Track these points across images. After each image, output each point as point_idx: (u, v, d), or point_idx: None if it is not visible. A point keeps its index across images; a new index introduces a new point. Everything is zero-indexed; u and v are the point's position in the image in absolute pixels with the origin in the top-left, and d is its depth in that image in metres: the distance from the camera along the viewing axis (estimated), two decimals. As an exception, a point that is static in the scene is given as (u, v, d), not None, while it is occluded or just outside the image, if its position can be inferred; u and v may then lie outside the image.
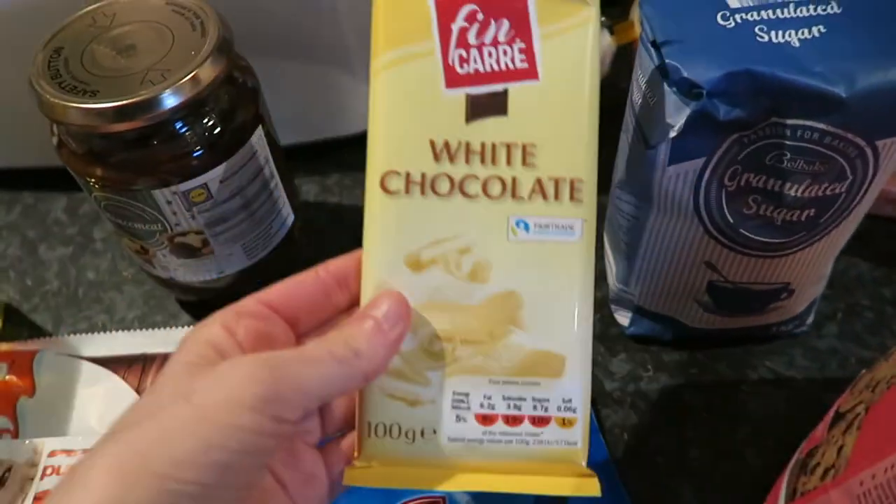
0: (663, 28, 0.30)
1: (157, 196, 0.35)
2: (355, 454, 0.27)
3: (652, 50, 0.30)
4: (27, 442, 0.35)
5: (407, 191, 0.26)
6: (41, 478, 0.33)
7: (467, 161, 0.26)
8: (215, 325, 0.26)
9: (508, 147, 0.26)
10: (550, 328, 0.27)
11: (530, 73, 0.26)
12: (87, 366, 0.40)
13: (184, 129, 0.35)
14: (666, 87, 0.30)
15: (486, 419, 0.27)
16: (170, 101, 0.33)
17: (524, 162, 0.26)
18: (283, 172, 0.42)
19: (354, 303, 0.28)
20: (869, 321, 0.42)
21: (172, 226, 0.37)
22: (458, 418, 0.27)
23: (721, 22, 0.30)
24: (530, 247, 0.27)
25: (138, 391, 0.38)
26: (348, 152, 0.54)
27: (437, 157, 0.26)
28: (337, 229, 0.50)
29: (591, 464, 0.28)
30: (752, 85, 0.29)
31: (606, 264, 0.43)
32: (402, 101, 0.26)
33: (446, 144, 0.26)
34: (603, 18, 0.53)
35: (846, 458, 0.27)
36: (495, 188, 0.26)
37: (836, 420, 0.31)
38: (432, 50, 0.26)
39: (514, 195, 0.26)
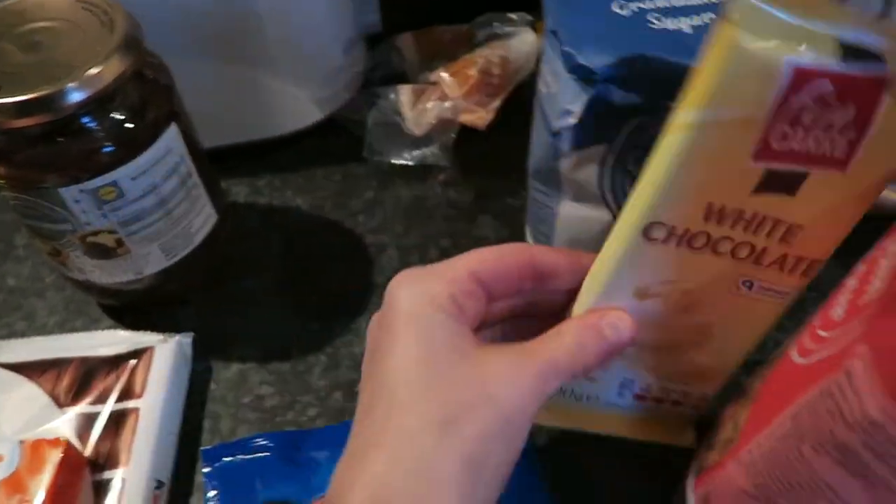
0: (560, 16, 0.31)
1: (64, 194, 0.35)
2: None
3: (552, 38, 0.31)
4: (-71, 449, 0.34)
5: (665, 241, 0.27)
6: (-57, 484, 0.32)
7: (732, 226, 0.27)
8: (444, 306, 0.26)
9: (776, 222, 0.26)
10: (723, 353, 0.32)
11: (841, 165, 0.24)
12: (1, 372, 0.39)
13: (91, 125, 0.34)
14: (565, 73, 0.30)
15: (640, 398, 0.35)
16: (74, 95, 0.33)
17: (781, 238, 0.27)
18: (204, 172, 0.41)
19: (543, 294, 0.30)
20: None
21: (83, 225, 0.36)
22: (620, 394, 0.34)
23: (616, 10, 0.31)
24: (743, 299, 0.29)
25: (52, 395, 0.38)
26: (278, 154, 0.53)
27: (707, 219, 0.27)
28: (267, 230, 0.49)
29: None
30: (646, 70, 0.29)
31: (529, 256, 0.43)
32: (698, 164, 0.25)
33: (722, 208, 0.26)
34: (529, 17, 0.54)
35: (739, 430, 0.27)
36: (743, 252, 0.28)
37: (738, 395, 0.31)
38: (758, 121, 0.23)
39: (756, 261, 0.28)
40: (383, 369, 0.26)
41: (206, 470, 0.37)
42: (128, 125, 0.35)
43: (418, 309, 0.26)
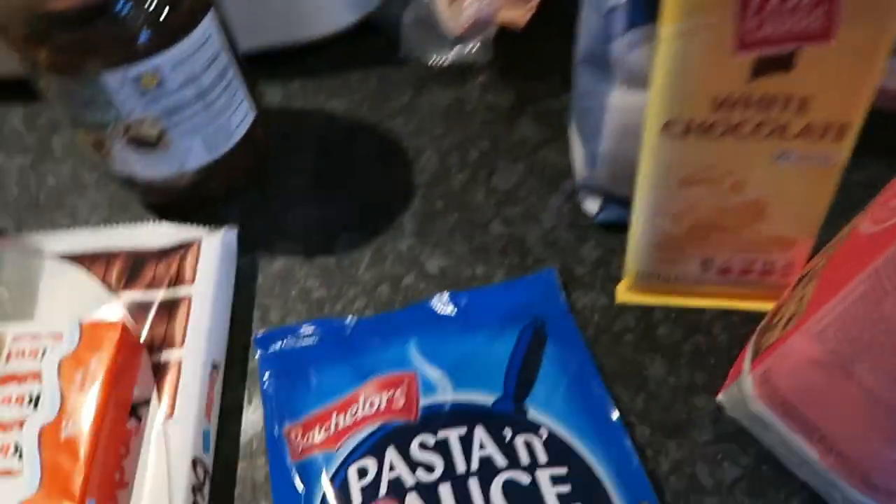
0: None
1: (106, 80, 0.34)
2: (624, 284, 0.39)
3: None
4: (-10, 329, 0.34)
5: (684, 135, 0.30)
6: (6, 361, 0.33)
7: (744, 110, 0.29)
8: None
9: (786, 97, 0.28)
10: (788, 221, 0.33)
11: (825, 35, 0.26)
12: (49, 261, 0.39)
13: (129, 9, 0.34)
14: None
15: (725, 272, 0.37)
16: (115, -26, 0.32)
17: (798, 110, 0.28)
18: (240, 68, 0.41)
19: None
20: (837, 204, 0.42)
21: (125, 114, 0.36)
22: (704, 271, 0.37)
23: None
24: (786, 170, 0.31)
25: (103, 282, 0.38)
26: (312, 58, 0.53)
27: (716, 108, 0.29)
28: (303, 133, 0.49)
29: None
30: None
31: (574, 150, 0.43)
32: (690, 65, 0.28)
33: (727, 98, 0.28)
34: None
35: (806, 303, 0.27)
36: (765, 130, 0.29)
37: (798, 282, 0.31)
38: (727, 19, 0.26)
39: (781, 135, 0.29)
40: None
41: (259, 353, 0.37)
42: (165, 11, 0.35)
43: None
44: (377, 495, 0.31)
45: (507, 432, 0.33)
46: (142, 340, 0.36)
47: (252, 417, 0.36)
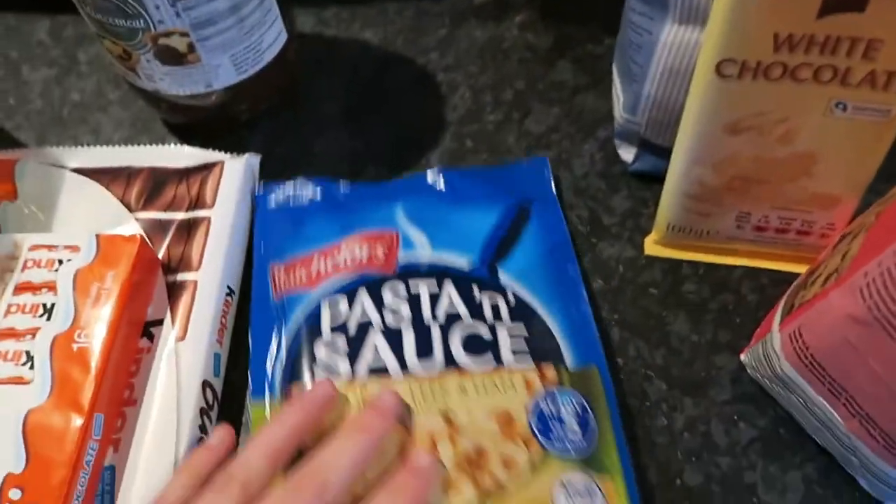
0: None
1: (138, -15, 0.33)
2: (654, 236, 0.38)
3: None
4: (7, 236, 0.34)
5: (739, 76, 0.28)
6: (22, 270, 0.33)
7: (806, 51, 0.27)
8: None
9: (853, 40, 0.26)
10: (834, 178, 0.32)
11: None
12: (70, 175, 0.38)
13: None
14: None
15: (760, 229, 0.35)
16: None
17: (864, 55, 0.27)
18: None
19: None
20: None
21: (156, 23, 0.35)
22: (738, 227, 0.36)
23: None
24: (841, 121, 0.29)
25: (122, 201, 0.37)
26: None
27: (776, 48, 0.27)
28: (334, 61, 0.47)
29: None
30: None
31: (614, 96, 0.41)
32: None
33: (790, 37, 0.27)
34: None
35: (851, 259, 0.26)
36: (826, 75, 0.28)
37: (841, 239, 0.30)
38: None
39: (842, 82, 0.28)
40: None
41: (258, 199, 0.39)
42: (205, -86, 0.33)
43: None
44: (346, 332, 0.33)
45: (476, 292, 0.34)
46: (160, 258, 0.35)
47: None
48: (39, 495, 0.27)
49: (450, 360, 0.32)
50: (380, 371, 0.32)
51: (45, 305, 0.32)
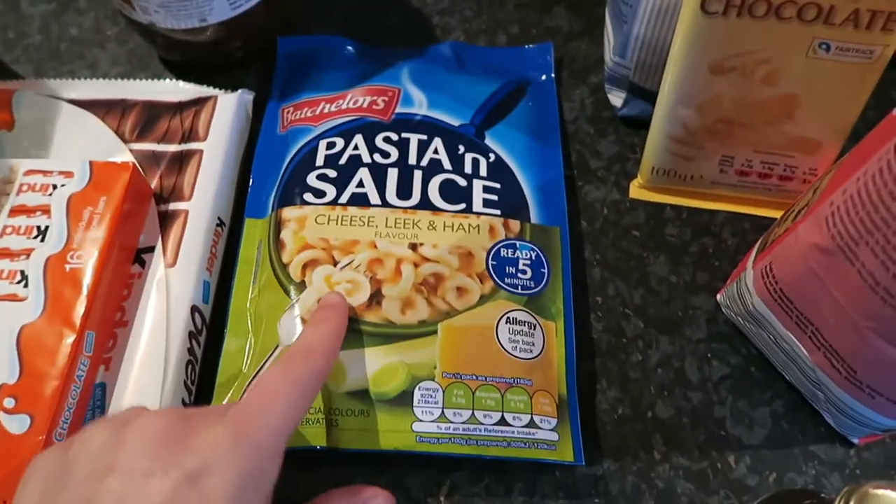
0: None
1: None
2: (639, 180, 0.38)
3: None
4: (4, 161, 0.35)
5: (724, 13, 0.29)
6: (17, 193, 0.34)
7: None
8: None
9: None
10: (816, 121, 0.32)
11: None
12: (66, 106, 0.39)
13: None
14: None
15: (743, 174, 0.36)
16: None
17: None
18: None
19: None
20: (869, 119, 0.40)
21: (150, -47, 0.35)
22: (722, 171, 0.36)
23: None
24: (824, 63, 0.29)
25: (117, 132, 0.38)
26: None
27: None
28: (330, 2, 0.47)
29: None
30: None
31: (605, 41, 0.41)
32: None
33: None
34: None
35: (819, 193, 0.26)
36: (810, 13, 0.28)
37: (819, 181, 0.30)
38: None
39: (826, 21, 0.28)
40: None
41: (279, 49, 0.43)
42: None
43: None
44: (337, 164, 0.36)
45: (461, 148, 0.37)
46: (152, 188, 0.36)
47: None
48: (32, 404, 0.29)
49: (425, 200, 0.35)
50: (361, 199, 0.35)
51: (39, 228, 0.32)
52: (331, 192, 0.35)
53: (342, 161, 0.36)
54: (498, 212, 0.35)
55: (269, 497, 0.25)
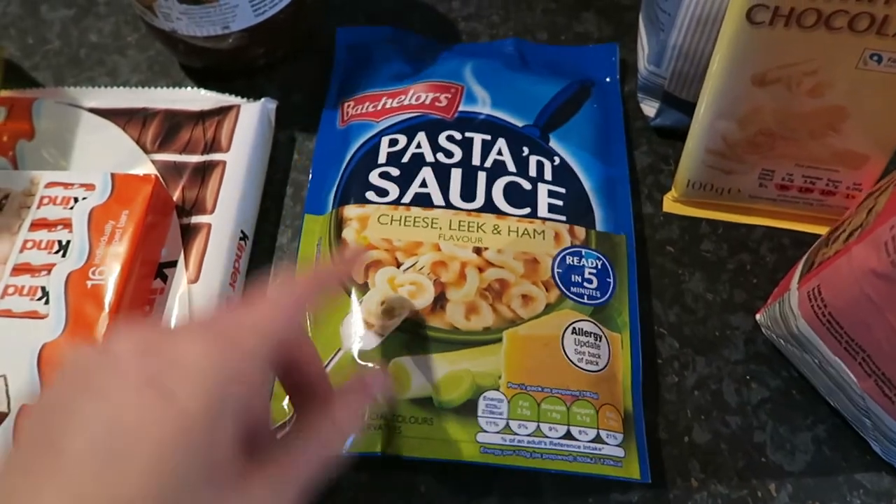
0: None
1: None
2: (673, 193, 0.37)
3: None
4: (25, 173, 0.34)
5: (771, 23, 0.28)
6: (38, 206, 0.33)
7: None
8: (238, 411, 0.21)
9: None
10: (864, 135, 0.31)
11: None
12: (86, 115, 0.38)
13: None
14: None
15: (783, 188, 0.35)
16: None
17: None
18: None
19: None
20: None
21: (174, -40, 0.34)
22: (761, 185, 0.35)
23: None
24: (874, 75, 0.28)
25: (138, 142, 0.37)
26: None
27: None
28: (354, 7, 0.46)
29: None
30: None
31: (639, 48, 0.40)
32: None
33: None
34: None
35: (876, 214, 0.25)
36: (862, 24, 0.27)
37: (867, 197, 0.29)
38: None
39: (878, 31, 0.27)
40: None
41: (339, 40, 0.43)
42: None
43: (215, 392, 0.20)
44: (399, 162, 0.36)
45: (525, 150, 0.36)
46: (174, 200, 0.35)
47: (278, 290, 0.36)
48: (53, 426, 0.28)
49: (489, 203, 0.34)
50: (424, 199, 0.34)
51: (60, 242, 0.32)
52: (394, 191, 0.35)
53: (405, 159, 0.36)
54: (563, 217, 0.34)
55: (266, 413, 0.23)
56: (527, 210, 0.34)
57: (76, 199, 0.33)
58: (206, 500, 0.19)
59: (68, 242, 0.32)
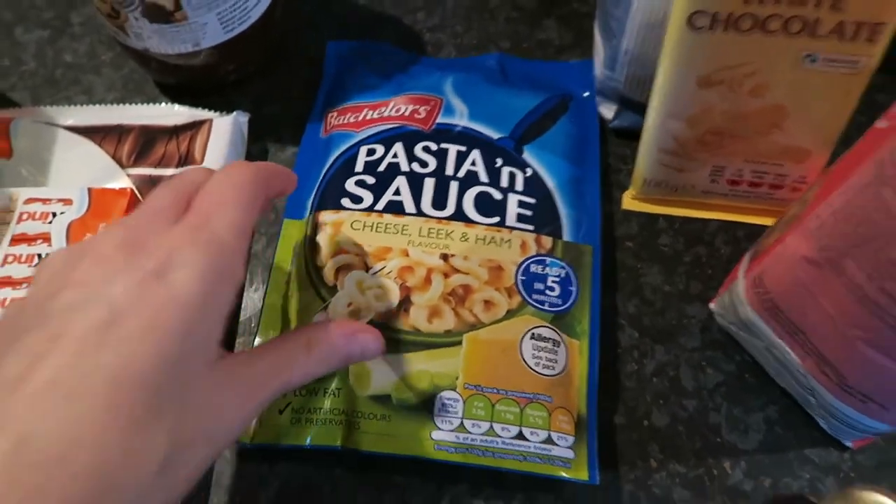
0: None
1: (124, -57, 0.34)
2: (631, 192, 0.39)
3: None
4: (4, 190, 0.35)
5: (711, 27, 0.29)
6: (17, 222, 0.34)
7: (776, 2, 0.28)
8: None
9: None
10: (805, 131, 0.33)
11: None
12: (63, 133, 0.39)
13: None
14: None
15: (734, 183, 0.37)
16: None
17: (832, 5, 0.28)
18: (261, -55, 0.40)
19: None
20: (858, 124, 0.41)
21: (143, -19, 0.36)
22: (713, 181, 0.37)
23: None
24: (811, 74, 0.30)
25: (114, 158, 0.38)
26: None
27: (747, 1, 0.28)
28: (321, 20, 0.48)
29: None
30: None
31: (595, 53, 0.42)
32: None
33: None
34: None
35: (807, 204, 0.27)
36: (795, 26, 0.29)
37: (808, 189, 0.31)
38: None
39: (812, 33, 0.29)
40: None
41: (328, 51, 0.45)
42: None
43: (213, 286, 0.22)
44: (375, 171, 0.37)
45: (499, 161, 0.38)
46: (150, 214, 0.37)
47: (253, 297, 0.37)
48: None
49: (459, 211, 0.36)
50: (397, 207, 0.36)
51: (40, 256, 0.33)
52: (368, 198, 0.36)
53: (381, 168, 0.37)
54: (531, 227, 0.35)
55: (233, 301, 0.24)
56: (496, 219, 0.35)
57: (54, 214, 0.34)
58: (199, 387, 0.21)
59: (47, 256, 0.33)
